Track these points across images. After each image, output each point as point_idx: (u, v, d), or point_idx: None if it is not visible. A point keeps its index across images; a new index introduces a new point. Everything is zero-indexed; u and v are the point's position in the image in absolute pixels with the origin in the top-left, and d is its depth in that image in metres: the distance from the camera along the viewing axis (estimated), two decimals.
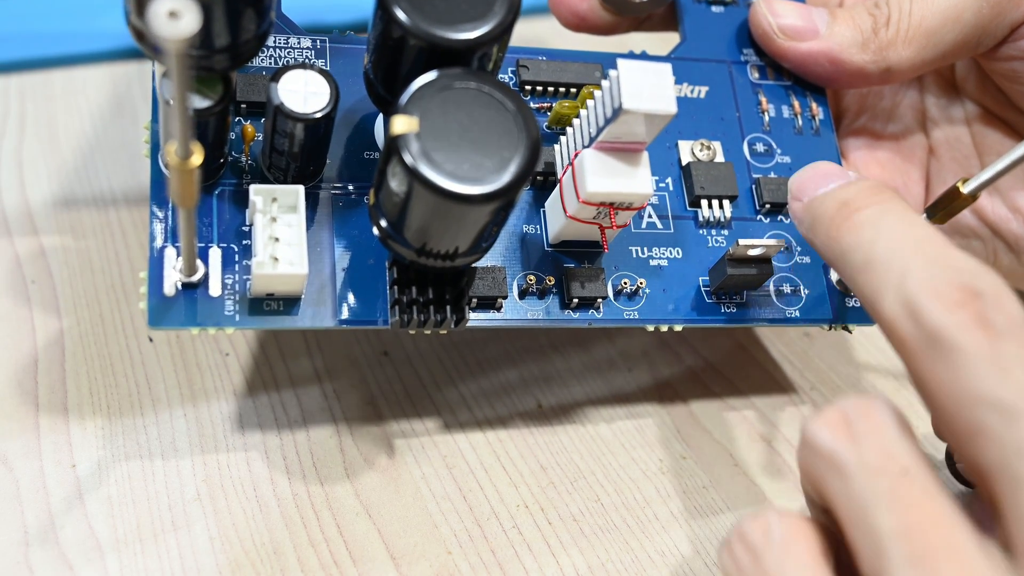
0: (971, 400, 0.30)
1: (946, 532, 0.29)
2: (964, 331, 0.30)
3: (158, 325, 0.36)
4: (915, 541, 0.29)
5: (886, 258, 0.33)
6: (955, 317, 0.30)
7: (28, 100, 0.53)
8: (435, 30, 0.34)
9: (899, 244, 0.33)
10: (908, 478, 0.30)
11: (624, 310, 0.42)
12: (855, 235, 0.35)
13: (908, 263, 0.32)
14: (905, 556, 0.29)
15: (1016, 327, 0.30)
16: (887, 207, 0.35)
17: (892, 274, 0.32)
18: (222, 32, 0.32)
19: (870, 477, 0.30)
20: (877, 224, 0.34)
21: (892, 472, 0.30)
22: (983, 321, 0.30)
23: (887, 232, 0.34)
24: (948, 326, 0.30)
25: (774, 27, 0.46)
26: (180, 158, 0.30)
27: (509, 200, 0.34)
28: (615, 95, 0.36)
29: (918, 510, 0.29)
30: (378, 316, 0.39)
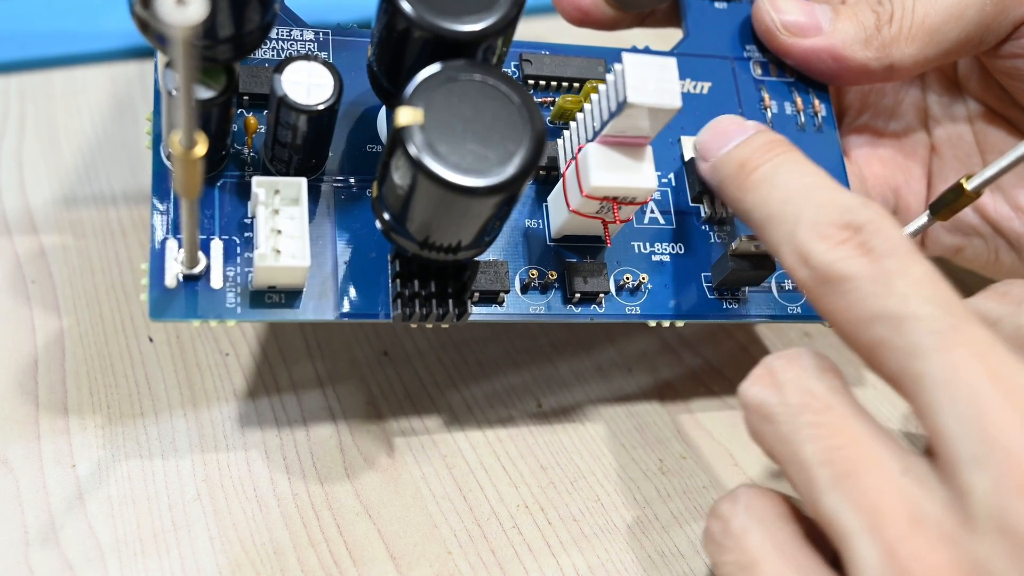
0: (865, 320, 0.32)
1: (866, 450, 0.31)
2: (849, 262, 0.32)
3: (159, 317, 0.36)
4: (837, 463, 0.31)
5: (779, 212, 0.35)
6: (839, 252, 0.33)
7: (28, 100, 0.53)
8: (440, 21, 0.34)
9: (789, 195, 0.35)
10: (829, 411, 0.32)
11: (626, 305, 0.42)
12: (753, 194, 0.37)
13: (798, 212, 0.34)
14: (829, 478, 0.31)
15: (895, 247, 0.32)
16: (779, 161, 0.37)
17: (785, 225, 0.35)
18: (226, 22, 0.32)
19: (793, 415, 0.33)
20: (771, 180, 0.37)
21: (814, 408, 0.33)
22: (865, 249, 0.32)
23: (779, 186, 0.36)
24: (834, 262, 0.33)
25: (777, 23, 0.46)
26: (184, 148, 0.29)
27: (513, 193, 0.34)
28: (620, 89, 0.36)
29: (838, 435, 0.32)
30: (380, 309, 0.39)
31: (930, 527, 0.30)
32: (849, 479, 0.31)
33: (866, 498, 0.30)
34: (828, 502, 0.31)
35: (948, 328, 0.30)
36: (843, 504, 0.31)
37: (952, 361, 0.30)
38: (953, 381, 0.30)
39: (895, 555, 0.29)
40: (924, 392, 0.30)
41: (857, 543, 0.30)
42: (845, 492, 0.31)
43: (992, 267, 0.51)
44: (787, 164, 0.37)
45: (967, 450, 0.29)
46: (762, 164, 0.38)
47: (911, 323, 0.31)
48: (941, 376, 0.30)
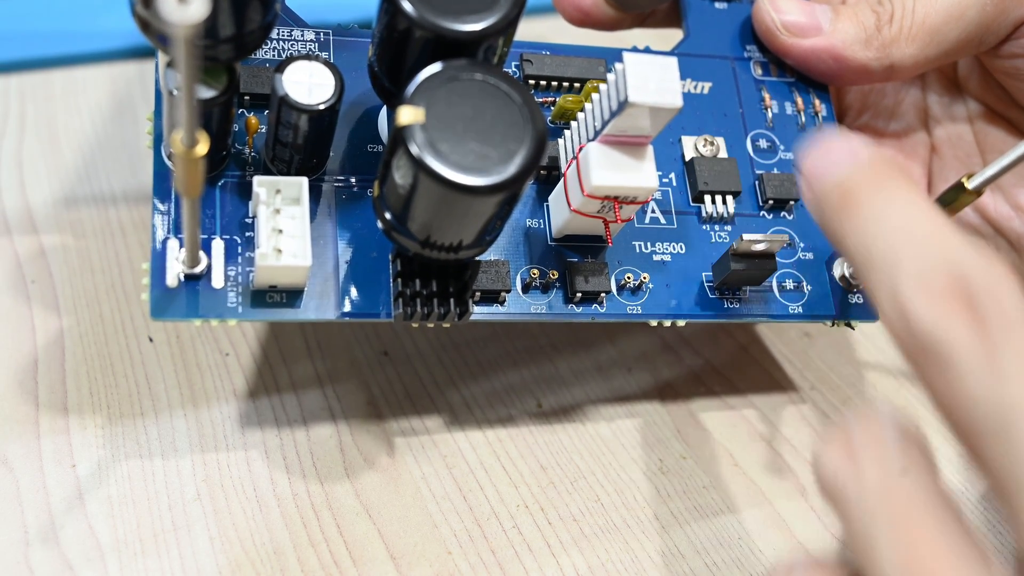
0: (968, 403, 0.28)
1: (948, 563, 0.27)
2: (955, 332, 0.28)
3: (160, 316, 0.36)
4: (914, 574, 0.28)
5: (881, 254, 0.31)
6: (945, 318, 0.28)
7: (28, 100, 0.53)
8: (441, 21, 0.34)
9: (894, 237, 0.31)
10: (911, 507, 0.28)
11: (627, 305, 0.42)
12: (855, 229, 0.32)
13: (900, 258, 0.30)
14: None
15: (1011, 320, 0.28)
16: (889, 195, 0.32)
17: (885, 272, 0.30)
18: (228, 22, 0.32)
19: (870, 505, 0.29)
20: (876, 216, 0.32)
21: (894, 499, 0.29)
22: (974, 316, 0.28)
23: (884, 224, 0.31)
24: (938, 329, 0.28)
25: (777, 23, 0.46)
26: (186, 146, 0.29)
27: (514, 192, 0.34)
28: (621, 88, 0.36)
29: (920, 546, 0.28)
30: (381, 309, 0.39)
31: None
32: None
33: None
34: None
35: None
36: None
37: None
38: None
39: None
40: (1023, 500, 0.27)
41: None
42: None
43: None
44: (896, 198, 0.32)
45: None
46: (867, 195, 0.32)
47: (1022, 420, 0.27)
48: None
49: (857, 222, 0.32)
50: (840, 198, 0.33)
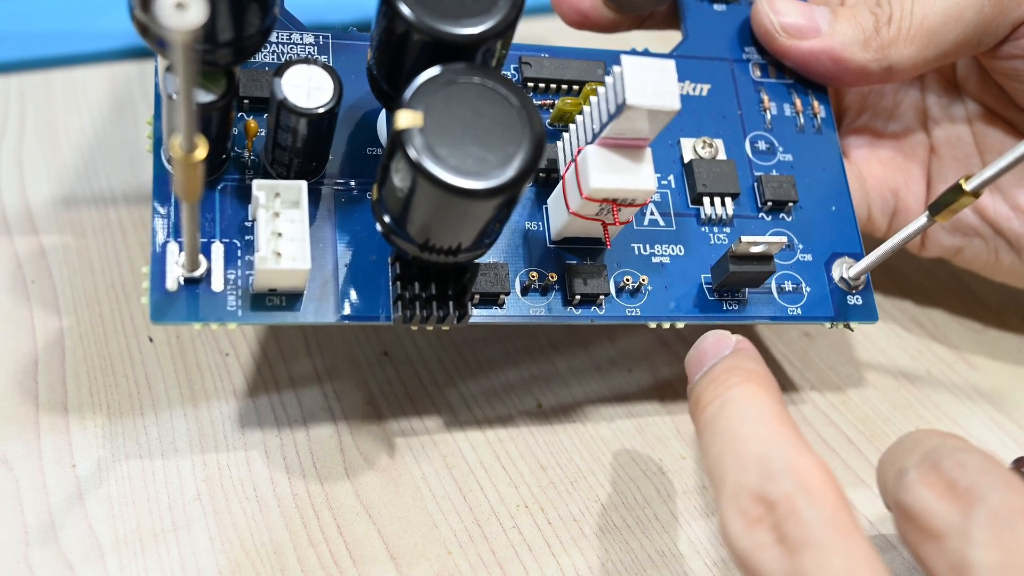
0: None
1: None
2: (761, 553, 0.30)
3: (160, 320, 0.36)
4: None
5: (713, 468, 0.33)
6: (752, 537, 0.30)
7: (28, 100, 0.53)
8: (439, 25, 0.34)
9: (720, 450, 0.33)
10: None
11: (626, 307, 0.42)
12: (701, 438, 0.35)
13: (723, 475, 0.32)
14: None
15: (808, 535, 0.29)
16: (724, 399, 0.35)
17: (716, 487, 0.33)
18: (226, 26, 0.32)
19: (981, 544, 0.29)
20: (712, 427, 0.34)
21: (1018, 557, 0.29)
22: (778, 535, 0.30)
23: (717, 435, 0.34)
24: (748, 550, 0.30)
25: (776, 25, 0.46)
26: (185, 151, 0.29)
27: (513, 195, 0.34)
28: (619, 91, 0.36)
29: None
30: (380, 312, 0.39)
31: None
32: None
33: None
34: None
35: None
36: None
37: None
38: None
39: None
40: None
41: None
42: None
43: (992, 267, 0.51)
44: (729, 405, 0.34)
45: None
46: (711, 403, 0.35)
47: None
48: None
49: (702, 430, 0.35)
50: (694, 404, 0.36)
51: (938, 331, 0.56)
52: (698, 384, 0.37)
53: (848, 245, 0.46)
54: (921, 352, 0.54)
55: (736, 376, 0.35)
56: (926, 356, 0.54)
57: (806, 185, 0.46)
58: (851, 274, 0.45)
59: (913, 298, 0.57)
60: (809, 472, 0.31)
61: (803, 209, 0.46)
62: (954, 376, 0.53)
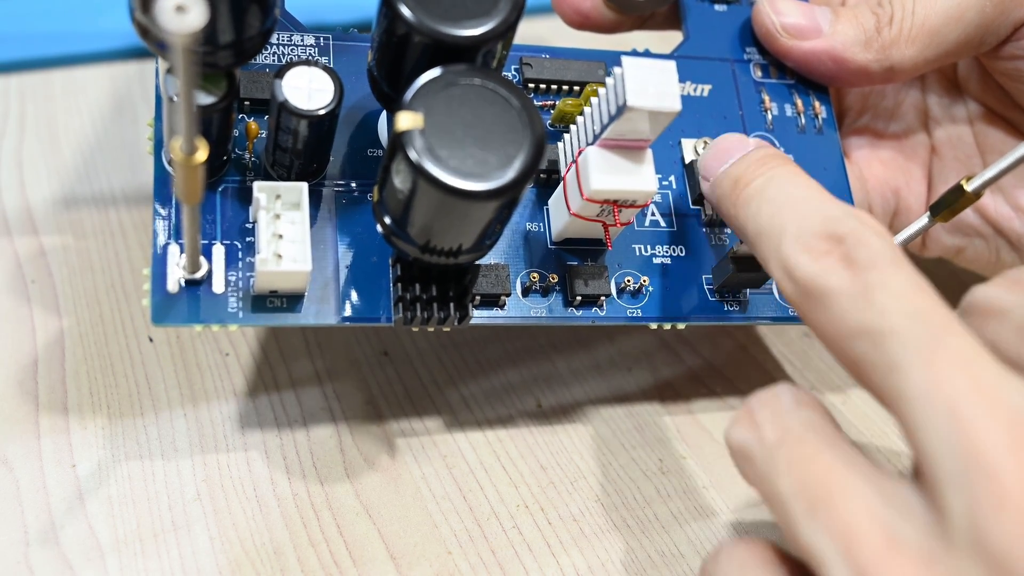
0: (847, 335, 0.31)
1: (839, 478, 0.30)
2: (829, 275, 0.32)
3: (161, 322, 0.36)
4: (810, 493, 0.30)
5: (767, 225, 0.35)
6: (821, 265, 0.32)
7: (28, 100, 0.53)
8: (440, 26, 0.34)
9: (777, 209, 0.35)
10: (802, 444, 0.32)
11: (627, 308, 0.42)
12: (745, 209, 0.37)
13: (783, 225, 0.34)
14: (804, 509, 0.30)
15: (876, 258, 0.31)
16: (770, 175, 0.37)
17: (772, 239, 0.34)
18: (227, 28, 0.32)
19: (769, 453, 0.32)
20: (761, 194, 0.36)
21: (788, 442, 0.32)
22: (847, 261, 0.32)
23: (768, 200, 0.36)
24: (816, 275, 0.32)
25: (777, 25, 0.46)
26: (185, 154, 0.29)
27: (514, 197, 0.34)
28: (620, 92, 0.36)
29: (812, 466, 0.31)
30: (381, 313, 0.39)
31: (906, 549, 0.29)
32: (823, 507, 0.30)
33: (839, 524, 0.30)
34: (804, 532, 0.30)
35: (929, 342, 0.29)
36: (818, 532, 0.30)
37: (933, 377, 0.29)
38: (934, 397, 0.29)
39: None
40: (907, 410, 0.30)
41: (832, 570, 0.30)
42: (819, 520, 0.30)
43: (993, 267, 0.51)
44: (778, 178, 0.37)
45: (947, 468, 0.29)
46: (755, 179, 0.37)
47: (891, 338, 0.30)
48: (922, 393, 0.29)
49: (747, 202, 0.37)
50: (731, 186, 0.38)
51: None
52: (734, 168, 0.39)
53: None
54: None
55: (777, 159, 0.38)
56: None
57: None
58: None
59: None
60: (868, 217, 0.33)
61: None
62: None
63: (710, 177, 0.40)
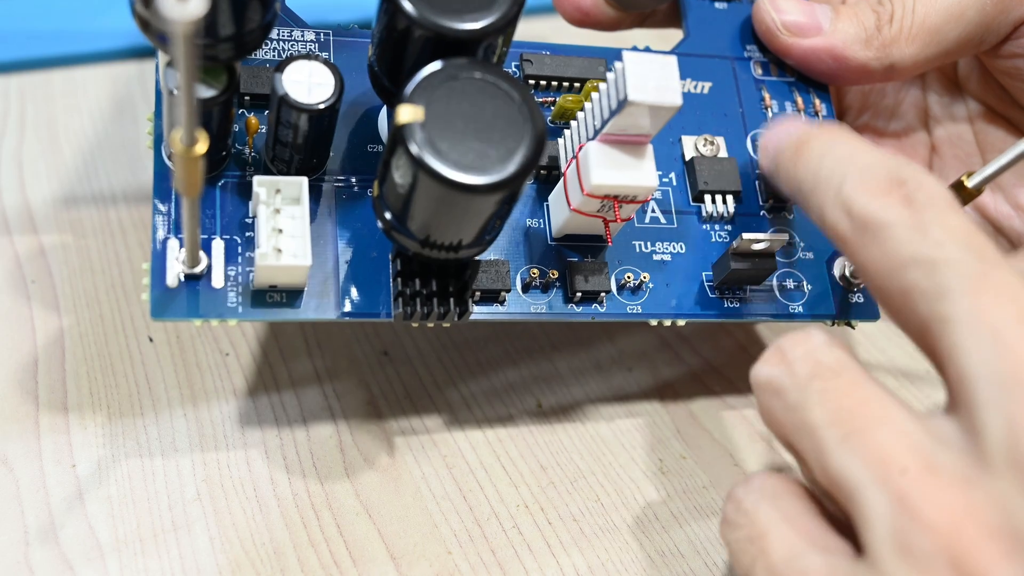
0: (899, 264, 0.32)
1: (876, 408, 0.31)
2: (889, 210, 0.33)
3: (160, 316, 0.36)
4: (845, 422, 0.31)
5: (828, 174, 0.35)
6: (881, 202, 0.33)
7: (28, 100, 0.53)
8: (441, 20, 0.34)
9: (840, 160, 0.35)
10: (837, 377, 0.32)
11: (627, 304, 0.42)
12: (806, 163, 0.37)
13: (845, 171, 0.35)
14: (837, 437, 0.31)
15: (935, 199, 0.33)
16: (835, 135, 0.37)
17: (833, 184, 0.35)
18: (227, 21, 0.32)
19: (802, 385, 0.33)
20: (824, 150, 0.37)
21: (822, 375, 0.33)
22: (906, 199, 0.33)
23: (831, 154, 0.36)
24: (876, 210, 0.33)
25: (777, 23, 0.46)
26: (185, 145, 0.29)
27: (514, 191, 0.34)
28: (621, 87, 0.36)
29: (847, 397, 0.32)
30: (381, 309, 0.39)
31: (943, 472, 0.29)
32: (857, 435, 0.31)
33: (875, 451, 0.30)
34: (836, 460, 0.31)
35: (979, 273, 0.31)
36: (851, 459, 0.31)
37: (979, 303, 0.30)
38: (978, 322, 0.30)
39: (906, 501, 0.29)
40: (949, 334, 0.31)
41: (866, 495, 0.30)
42: (853, 447, 0.31)
43: None
44: (843, 137, 0.37)
45: (986, 390, 0.29)
46: (818, 138, 0.38)
47: (943, 267, 0.31)
48: (967, 317, 0.30)
49: (809, 158, 0.37)
50: (795, 147, 0.38)
51: None
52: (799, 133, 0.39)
53: None
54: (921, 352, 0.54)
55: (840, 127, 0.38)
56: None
57: None
58: (852, 272, 0.44)
59: None
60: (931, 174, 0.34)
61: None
62: None
63: (773, 145, 0.40)
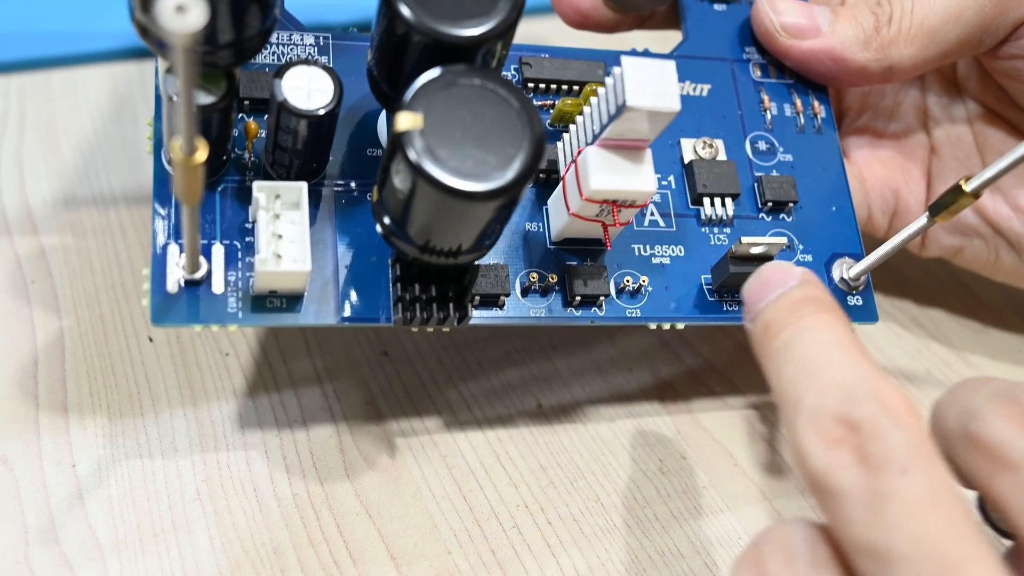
0: (852, 546, 0.29)
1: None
2: (840, 471, 0.29)
3: (161, 322, 0.36)
4: None
5: (787, 391, 0.32)
6: (832, 457, 0.30)
7: (28, 100, 0.53)
8: (439, 26, 0.34)
9: (797, 374, 0.32)
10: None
11: (627, 308, 0.42)
12: (772, 363, 0.34)
13: (800, 396, 0.31)
14: None
15: (892, 458, 0.29)
16: (800, 327, 0.34)
17: (789, 410, 0.32)
18: (226, 28, 0.32)
19: None
20: (786, 352, 0.33)
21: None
22: (859, 456, 0.29)
23: (791, 361, 0.33)
24: (826, 469, 0.29)
25: (776, 25, 0.46)
26: (185, 154, 0.29)
27: (513, 197, 0.34)
28: (619, 92, 0.36)
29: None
30: (381, 314, 0.39)
31: None
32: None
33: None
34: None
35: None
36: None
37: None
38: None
39: None
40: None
41: None
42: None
43: (992, 267, 0.51)
44: (805, 332, 0.33)
45: None
46: (783, 330, 0.34)
47: (896, 566, 0.28)
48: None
49: (772, 355, 0.34)
50: (762, 331, 0.35)
51: (938, 331, 0.56)
52: (767, 311, 0.35)
53: (848, 245, 0.46)
54: (921, 352, 0.54)
55: (811, 306, 0.34)
56: (926, 356, 0.54)
57: (806, 185, 0.46)
58: (851, 274, 0.44)
59: (913, 298, 0.57)
60: (893, 397, 0.30)
61: (803, 209, 0.46)
62: (954, 376, 0.53)
63: (751, 312, 0.37)
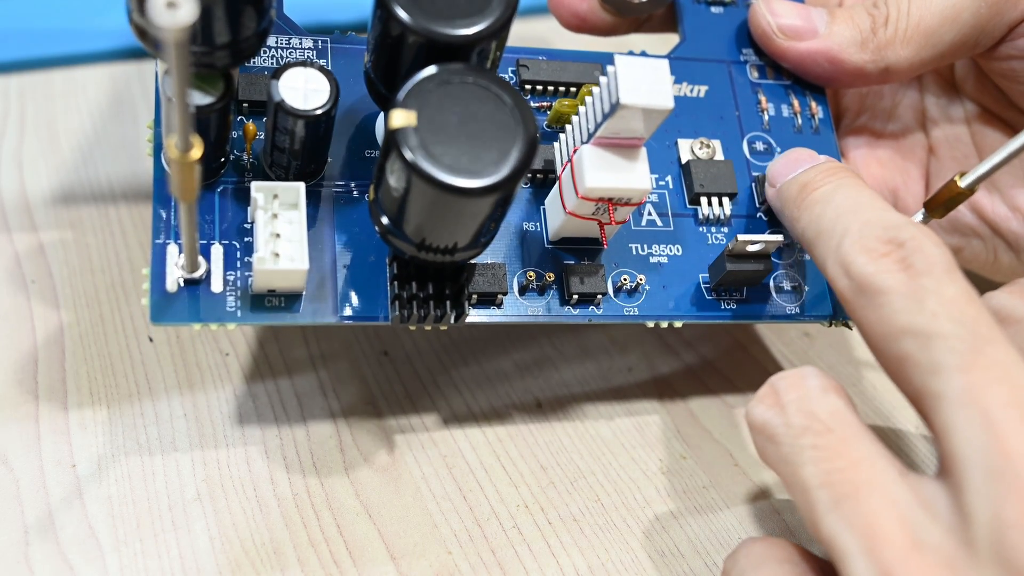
0: (894, 333, 0.32)
1: (867, 473, 0.31)
2: (886, 275, 0.33)
3: (160, 321, 0.36)
4: (836, 485, 0.31)
5: (830, 227, 0.36)
6: (879, 265, 0.33)
7: (28, 100, 0.53)
8: (433, 26, 0.34)
9: (841, 213, 0.36)
10: (830, 433, 0.32)
11: (624, 306, 0.42)
12: (809, 211, 0.38)
13: (846, 227, 0.35)
14: (828, 500, 0.31)
15: (933, 265, 0.33)
16: (839, 183, 0.39)
17: (833, 239, 0.36)
18: (223, 29, 0.33)
19: (795, 437, 0.33)
20: (828, 199, 0.38)
21: (815, 430, 0.33)
22: (903, 264, 0.33)
23: (834, 205, 0.37)
24: (873, 273, 0.33)
25: (773, 27, 0.46)
26: (180, 151, 0.30)
27: (507, 193, 0.34)
28: (613, 90, 0.36)
29: (839, 458, 0.32)
30: (379, 312, 0.39)
31: (929, 551, 0.29)
32: (848, 501, 0.31)
33: (865, 520, 0.30)
34: (827, 524, 0.31)
35: (972, 349, 0.30)
36: (842, 526, 0.31)
37: (971, 383, 0.30)
38: (970, 403, 0.30)
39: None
40: (941, 412, 0.31)
41: (854, 565, 0.30)
42: (844, 514, 0.31)
43: (991, 267, 0.51)
44: (845, 186, 0.38)
45: (975, 475, 0.29)
46: (822, 185, 0.39)
47: (936, 341, 0.31)
48: (959, 397, 0.30)
49: (811, 205, 0.39)
50: (799, 190, 0.40)
51: None
52: (804, 174, 0.41)
53: None
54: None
55: (845, 171, 0.40)
56: None
57: None
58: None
59: None
60: (928, 228, 0.35)
61: None
62: None
63: (777, 183, 0.42)
